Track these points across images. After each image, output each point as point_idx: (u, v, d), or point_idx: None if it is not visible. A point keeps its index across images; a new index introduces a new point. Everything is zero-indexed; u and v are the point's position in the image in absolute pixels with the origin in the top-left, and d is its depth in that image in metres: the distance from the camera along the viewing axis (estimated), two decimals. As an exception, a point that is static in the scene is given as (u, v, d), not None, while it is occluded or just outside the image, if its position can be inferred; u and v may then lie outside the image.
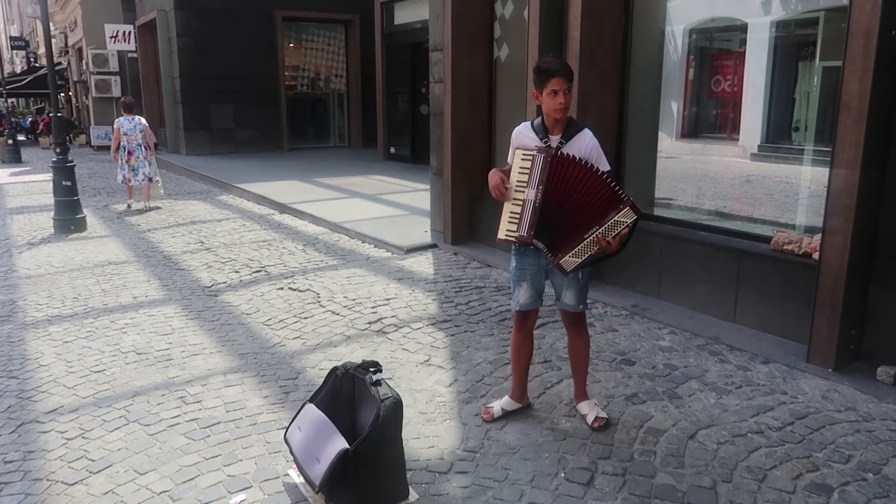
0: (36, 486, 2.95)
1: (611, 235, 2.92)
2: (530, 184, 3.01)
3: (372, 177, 12.37)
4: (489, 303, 5.23)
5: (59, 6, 30.15)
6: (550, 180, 2.97)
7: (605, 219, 2.90)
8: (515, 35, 6.65)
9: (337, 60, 19.26)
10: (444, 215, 7.10)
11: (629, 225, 2.91)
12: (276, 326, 4.84)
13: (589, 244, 2.96)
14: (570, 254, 2.99)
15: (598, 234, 2.92)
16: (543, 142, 3.09)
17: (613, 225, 2.91)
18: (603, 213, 2.91)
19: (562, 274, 3.10)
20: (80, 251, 7.45)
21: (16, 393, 3.87)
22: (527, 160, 3.03)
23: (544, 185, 2.97)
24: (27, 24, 43.90)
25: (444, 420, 3.42)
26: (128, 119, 10.16)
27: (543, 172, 2.97)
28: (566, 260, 3.01)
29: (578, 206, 2.97)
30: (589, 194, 2.94)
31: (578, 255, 2.99)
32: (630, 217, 2.90)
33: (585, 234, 2.95)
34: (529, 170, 3.01)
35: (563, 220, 3.01)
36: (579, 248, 2.97)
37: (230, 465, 3.07)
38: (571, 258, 3.00)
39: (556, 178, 2.97)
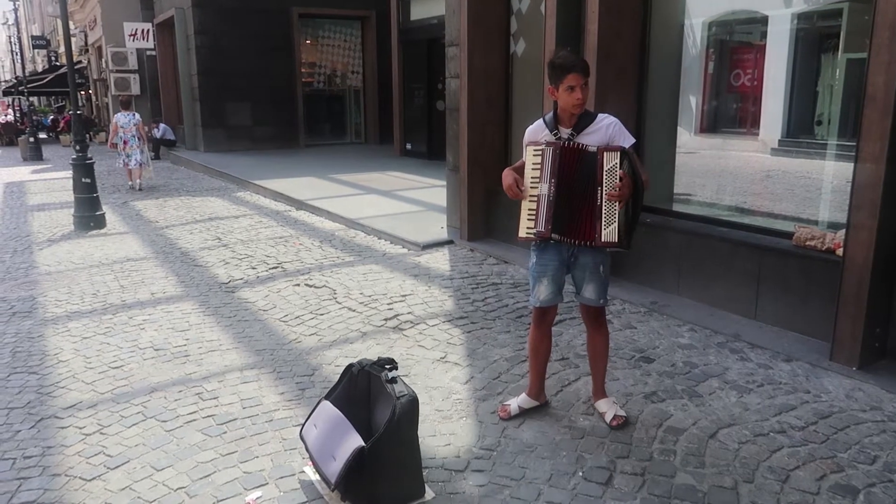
0: (54, 482, 2.96)
1: (615, 182, 2.90)
2: (543, 178, 3.00)
3: (388, 173, 12.36)
4: (506, 299, 5.19)
5: (79, 5, 30.43)
6: (562, 172, 2.95)
7: (599, 177, 2.93)
8: (532, 29, 6.59)
9: (353, 57, 19.27)
10: (460, 211, 7.06)
11: (619, 163, 2.90)
12: (292, 323, 4.84)
13: (608, 206, 2.94)
14: (602, 226, 2.96)
15: (605, 193, 2.92)
16: (553, 135, 3.06)
17: (608, 175, 2.92)
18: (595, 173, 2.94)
19: (588, 254, 3.08)
20: (100, 248, 7.52)
21: (35, 388, 3.90)
22: (537, 155, 3.01)
23: (556, 178, 2.96)
24: (48, 23, 44.41)
25: (460, 418, 3.40)
26: (124, 114, 11.77)
27: (554, 165, 2.97)
28: (605, 233, 2.96)
29: (585, 187, 2.97)
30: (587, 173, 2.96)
31: (610, 222, 2.96)
32: (613, 159, 2.91)
33: (597, 201, 2.95)
34: (541, 164, 2.99)
35: (577, 205, 3.00)
36: (604, 216, 2.96)
37: (246, 461, 3.07)
38: (606, 229, 2.96)
39: (566, 168, 2.96)
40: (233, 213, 9.55)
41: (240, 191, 11.74)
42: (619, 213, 2.94)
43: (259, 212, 9.55)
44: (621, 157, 2.91)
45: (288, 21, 17.56)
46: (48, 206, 10.75)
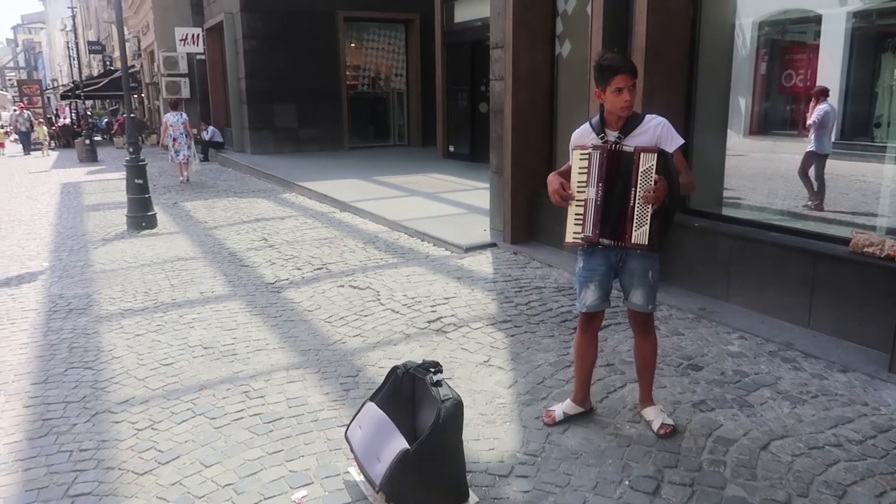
0: (108, 475, 3.05)
1: (649, 185, 2.85)
2: (589, 182, 2.97)
3: (431, 175, 12.40)
4: (550, 303, 5.15)
5: (133, 11, 31.40)
6: (609, 175, 2.92)
7: (634, 178, 2.89)
8: (578, 31, 6.53)
9: (397, 60, 19.40)
10: (503, 214, 7.04)
11: (655, 165, 2.85)
12: (336, 324, 4.89)
13: (641, 208, 2.90)
14: (634, 227, 2.93)
15: (639, 195, 2.88)
16: (600, 138, 3.02)
17: (643, 176, 2.87)
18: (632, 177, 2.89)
19: (637, 259, 3.03)
20: (151, 247, 7.72)
21: (91, 383, 4.02)
22: (584, 159, 2.98)
23: (604, 182, 2.93)
24: (103, 28, 45.91)
25: (504, 422, 3.38)
26: (173, 114, 13.31)
27: (601, 169, 2.94)
28: (636, 236, 2.93)
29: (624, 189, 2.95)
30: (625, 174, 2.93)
31: (641, 224, 2.92)
32: (649, 161, 2.86)
33: (630, 202, 2.91)
34: (587, 168, 2.96)
35: (619, 208, 2.96)
36: (636, 218, 2.92)
37: (292, 460, 3.11)
38: (637, 230, 2.93)
39: (613, 172, 2.93)
40: (279, 214, 9.70)
41: (285, 192, 11.93)
42: (652, 215, 2.90)
43: (304, 213, 9.69)
44: (658, 160, 2.86)
45: (333, 25, 17.78)
46: (102, 206, 11.10)
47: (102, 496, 2.89)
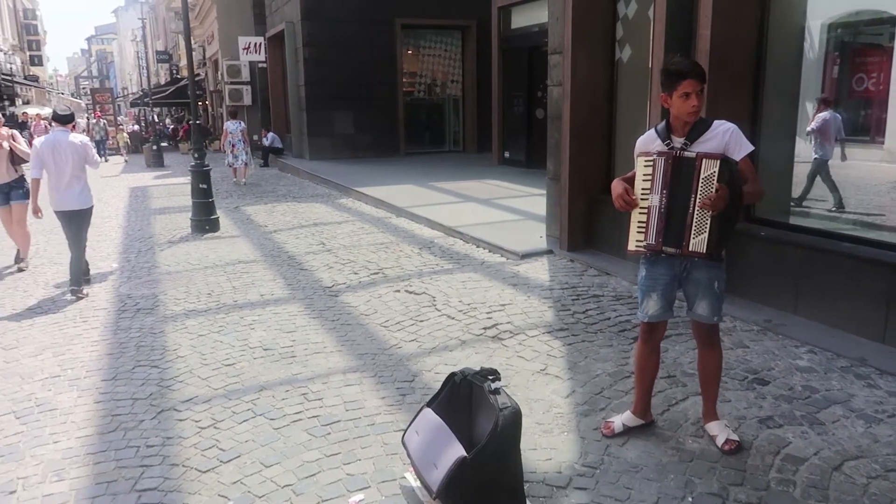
0: (173, 471, 3.14)
1: (711, 191, 2.77)
2: (654, 189, 2.91)
3: (486, 181, 12.38)
4: (608, 312, 5.06)
5: (199, 21, 32.50)
6: (674, 182, 2.85)
7: (695, 185, 2.82)
8: (639, 35, 6.42)
9: (453, 66, 19.49)
10: (560, 221, 6.97)
11: (717, 172, 2.77)
12: (393, 328, 4.92)
13: (700, 215, 2.83)
14: (692, 235, 2.85)
15: (699, 201, 2.81)
16: (666, 144, 2.95)
17: (704, 183, 2.79)
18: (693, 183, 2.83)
19: (702, 269, 2.95)
20: (214, 250, 7.95)
21: (156, 381, 4.15)
22: (648, 165, 2.92)
23: (668, 189, 2.86)
24: (171, 38, 47.69)
25: (561, 432, 3.33)
26: (232, 122, 14.76)
27: (666, 175, 2.87)
28: (693, 243, 2.86)
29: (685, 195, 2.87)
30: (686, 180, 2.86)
31: (700, 231, 2.84)
32: (711, 167, 2.78)
33: (690, 209, 2.84)
34: (652, 175, 2.89)
35: (680, 214, 2.89)
36: (695, 225, 2.85)
37: (349, 463, 3.13)
38: (695, 238, 2.85)
39: (678, 179, 2.85)
40: (336, 218, 9.85)
41: (342, 197, 12.11)
42: (712, 222, 2.81)
43: (361, 218, 9.81)
44: (720, 166, 2.77)
45: (391, 32, 17.99)
46: (168, 209, 11.49)
47: (167, 492, 2.97)
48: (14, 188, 7.23)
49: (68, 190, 6.19)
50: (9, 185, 7.19)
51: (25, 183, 7.22)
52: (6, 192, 7.20)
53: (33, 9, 56.47)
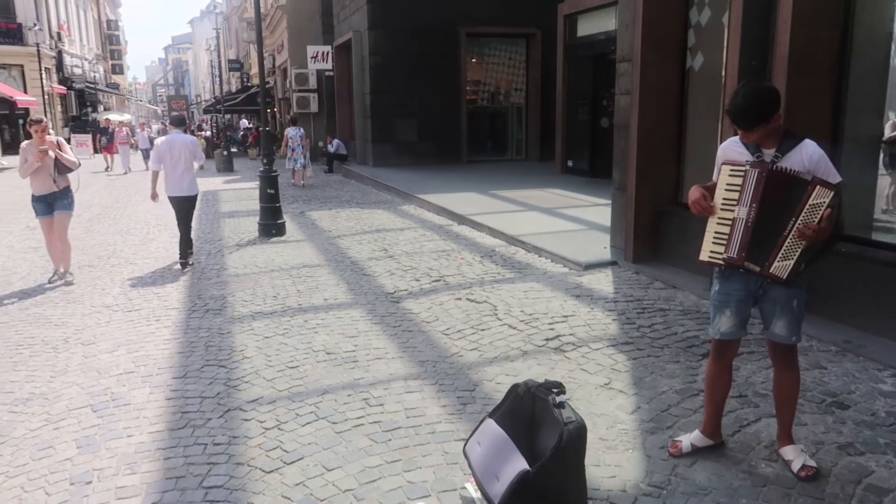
0: (238, 470, 3.20)
1: (813, 221, 2.64)
2: (741, 201, 2.79)
3: (549, 190, 12.27)
4: (674, 327, 4.92)
5: (270, 31, 33.47)
6: (765, 197, 2.73)
7: (799, 206, 2.67)
8: (711, 43, 6.25)
9: (517, 74, 19.43)
10: (625, 232, 6.82)
11: (829, 204, 2.63)
12: (454, 336, 4.91)
13: (794, 240, 2.70)
14: (778, 258, 2.72)
15: (798, 226, 2.68)
16: (755, 156, 2.83)
17: (811, 210, 2.65)
18: (797, 203, 2.68)
19: (782, 286, 2.81)
20: (280, 254, 8.13)
21: (224, 381, 4.26)
22: (737, 175, 2.81)
23: (758, 203, 2.74)
24: (242, 48, 49.29)
25: (626, 449, 3.24)
26: (292, 129, 16.21)
27: (757, 189, 2.75)
28: (776, 266, 2.74)
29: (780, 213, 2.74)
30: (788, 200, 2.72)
31: (787, 257, 2.71)
32: (825, 196, 2.64)
33: (784, 230, 2.71)
34: (740, 186, 2.78)
35: (771, 234, 2.76)
36: (785, 249, 2.72)
37: (410, 471, 3.13)
38: (780, 262, 2.73)
39: (771, 193, 2.72)
40: (398, 225, 9.94)
41: (404, 204, 12.21)
42: (801, 251, 2.69)
43: (422, 225, 9.86)
44: (833, 198, 2.64)
45: (456, 41, 18.08)
46: (237, 213, 11.83)
47: (233, 490, 3.04)
48: (59, 198, 6.90)
49: (180, 180, 7.57)
50: (53, 195, 6.87)
51: (70, 193, 7.02)
52: (50, 202, 6.89)
53: (116, 20, 59.38)
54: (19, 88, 29.83)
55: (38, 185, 6.79)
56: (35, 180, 6.76)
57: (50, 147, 6.69)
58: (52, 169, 6.73)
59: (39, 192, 6.82)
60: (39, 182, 6.76)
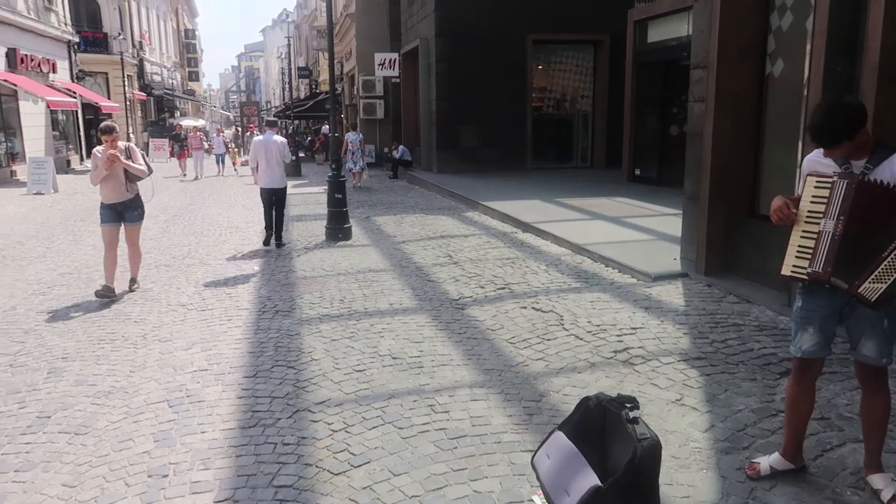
0: (307, 471, 3.25)
1: None
2: (828, 214, 2.66)
3: (615, 199, 12.06)
4: (750, 343, 4.74)
5: (338, 39, 34.16)
6: (854, 210, 2.59)
7: None
8: (793, 49, 6.01)
9: (583, 81, 19.22)
10: (697, 243, 6.63)
11: None
12: (519, 345, 4.87)
13: (891, 263, 2.54)
14: (870, 279, 2.58)
15: None
16: (844, 168, 2.70)
17: None
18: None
19: (868, 308, 2.66)
20: (346, 258, 8.26)
21: (293, 382, 4.34)
22: (823, 187, 2.68)
23: (846, 216, 2.60)
24: (311, 55, 50.51)
25: (699, 469, 3.13)
26: (352, 133, 17.49)
27: (846, 201, 2.61)
28: (866, 287, 2.60)
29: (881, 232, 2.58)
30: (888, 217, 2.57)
31: (882, 279, 2.56)
32: None
33: (884, 251, 2.55)
34: (827, 198, 2.65)
35: (861, 249, 2.62)
36: (881, 271, 2.56)
37: (476, 480, 3.11)
38: (872, 283, 2.58)
39: (861, 206, 2.58)
40: (462, 231, 9.95)
41: (468, 211, 12.22)
42: None
43: (486, 232, 9.85)
44: None
45: (522, 47, 18.02)
46: (305, 217, 12.09)
47: (302, 490, 3.08)
48: (129, 208, 6.68)
49: (273, 174, 9.10)
50: (123, 204, 6.64)
51: (141, 203, 6.84)
52: (120, 210, 6.65)
53: (193, 29, 61.82)
54: (103, 95, 31.38)
55: (109, 193, 6.58)
56: (105, 188, 6.57)
57: (117, 159, 6.42)
58: (123, 177, 6.56)
59: (109, 201, 6.60)
60: (110, 189, 6.57)
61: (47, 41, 23.46)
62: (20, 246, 9.60)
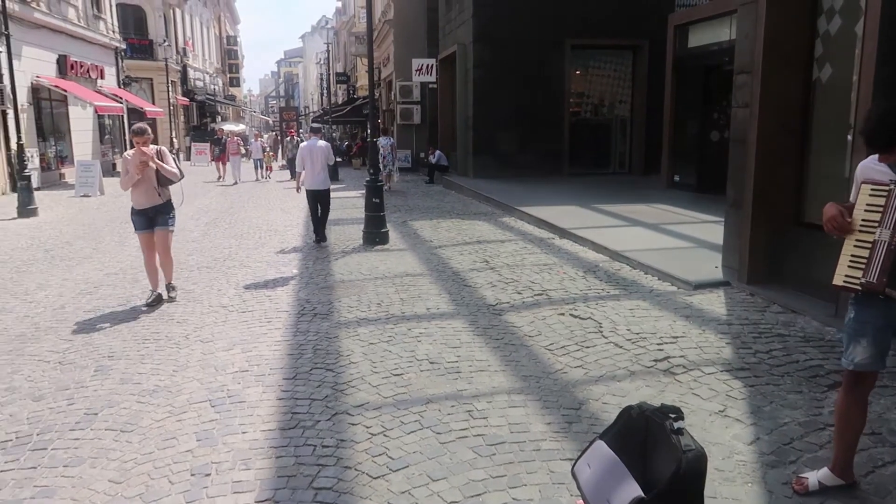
0: (346, 474, 3.27)
1: None
2: (884, 223, 2.58)
3: (654, 205, 11.90)
4: (795, 354, 4.62)
5: (376, 45, 34.47)
6: None
7: None
8: (842, 53, 5.86)
9: (622, 86, 19.04)
10: (740, 251, 6.50)
11: None
12: (557, 352, 4.83)
13: None
14: None
15: None
16: (901, 176, 2.62)
17: None
18: None
19: None
20: (383, 261, 8.30)
21: (331, 385, 4.38)
22: (879, 195, 2.61)
23: None
24: (349, 61, 51.05)
25: (744, 482, 3.07)
26: (384, 138, 17.53)
27: None
28: None
29: None
30: None
31: None
32: None
33: None
34: (884, 207, 2.58)
35: None
36: None
37: (515, 487, 3.09)
38: None
39: None
40: (498, 237, 9.93)
41: (504, 216, 12.19)
42: None
43: (523, 237, 9.81)
44: None
45: (561, 52, 17.93)
46: (342, 221, 12.20)
47: (341, 493, 3.10)
48: (160, 212, 6.49)
49: (317, 176, 9.70)
50: (154, 208, 6.46)
51: (172, 208, 6.64)
52: (151, 216, 6.47)
53: (235, 36, 63.02)
54: (148, 100, 32.18)
55: (140, 198, 6.41)
56: (136, 193, 6.39)
57: (150, 160, 6.23)
58: (155, 181, 6.37)
59: (140, 206, 6.43)
60: (141, 194, 6.39)
61: (96, 48, 24.16)
62: (68, 246, 9.89)
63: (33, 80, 19.18)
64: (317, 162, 9.65)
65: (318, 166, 9.66)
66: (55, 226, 12.12)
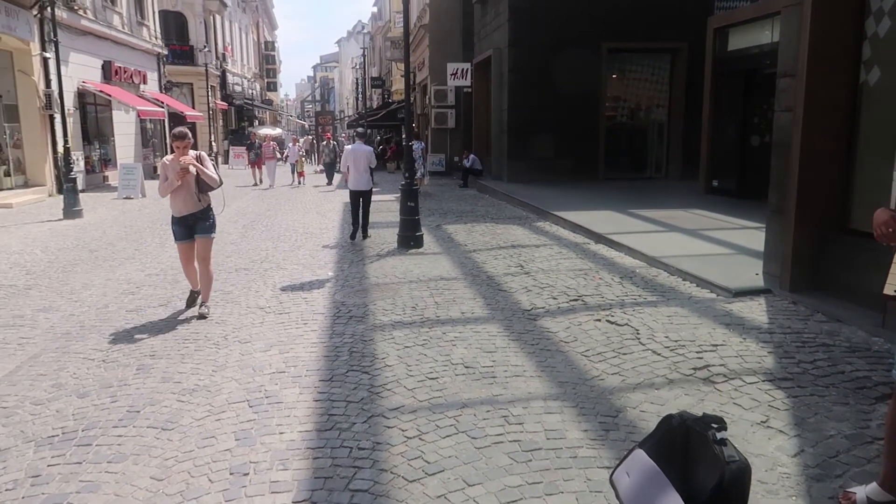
0: (382, 476, 3.28)
1: None
2: None
3: (692, 210, 11.72)
4: (841, 364, 4.50)
5: (412, 49, 34.66)
6: None
7: None
8: (891, 55, 5.71)
9: (659, 90, 18.82)
10: (782, 258, 6.36)
11: None
12: (594, 359, 4.78)
13: None
14: None
15: None
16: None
17: None
18: None
19: None
20: (418, 265, 8.33)
21: (367, 387, 4.40)
22: None
23: None
24: (384, 66, 51.42)
25: (789, 496, 2.99)
26: (416, 142, 16.56)
27: None
28: None
29: None
30: None
31: None
32: None
33: None
34: None
35: None
36: None
37: (551, 495, 3.06)
38: None
39: None
40: (533, 241, 9.88)
41: (539, 221, 12.13)
42: None
43: (558, 242, 9.74)
44: None
45: (597, 56, 17.79)
46: (377, 224, 12.25)
47: (377, 496, 3.11)
48: (200, 220, 6.21)
49: (360, 178, 10.39)
50: (194, 216, 6.19)
51: (212, 214, 6.33)
52: (190, 223, 6.21)
53: (272, 41, 63.96)
54: (188, 104, 32.87)
55: (179, 205, 6.16)
56: (175, 199, 6.15)
57: (186, 170, 6.00)
58: (195, 186, 6.12)
59: (180, 213, 6.18)
60: (180, 201, 6.14)
61: (139, 54, 24.76)
62: (111, 247, 10.14)
63: (79, 86, 19.75)
64: (360, 164, 10.30)
65: (362, 168, 10.32)
66: (99, 227, 12.44)
